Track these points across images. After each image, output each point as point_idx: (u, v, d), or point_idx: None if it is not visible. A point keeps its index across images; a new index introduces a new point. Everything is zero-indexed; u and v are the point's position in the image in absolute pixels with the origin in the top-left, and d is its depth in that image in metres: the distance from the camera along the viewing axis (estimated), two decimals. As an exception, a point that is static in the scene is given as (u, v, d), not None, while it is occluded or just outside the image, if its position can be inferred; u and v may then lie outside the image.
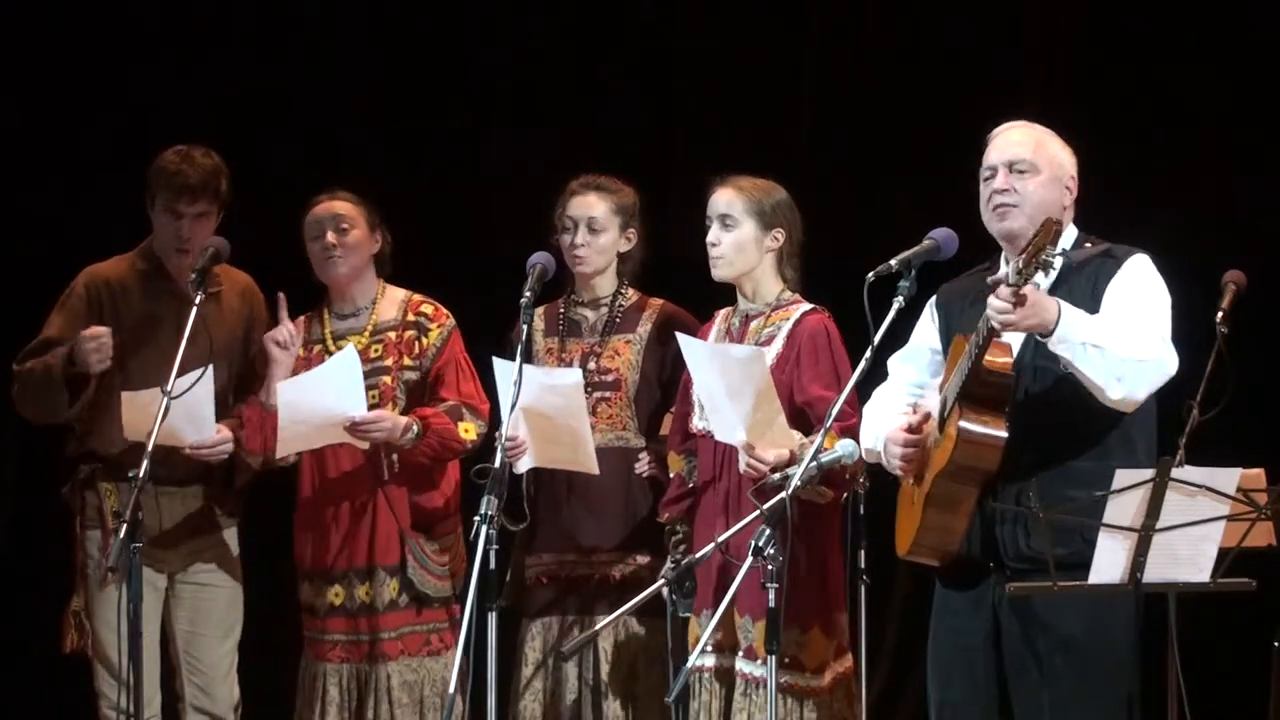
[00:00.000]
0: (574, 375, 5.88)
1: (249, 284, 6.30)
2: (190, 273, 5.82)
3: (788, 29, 7.71)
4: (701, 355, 5.63)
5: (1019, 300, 4.77)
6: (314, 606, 6.16)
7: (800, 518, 5.03)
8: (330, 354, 6.14)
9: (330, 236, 6.12)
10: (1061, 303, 4.87)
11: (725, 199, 5.74)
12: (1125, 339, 4.88)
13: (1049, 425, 4.99)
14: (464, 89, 7.77)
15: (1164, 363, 4.95)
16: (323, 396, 5.94)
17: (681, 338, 5.69)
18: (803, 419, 5.60)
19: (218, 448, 6.03)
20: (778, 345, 5.67)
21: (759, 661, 5.55)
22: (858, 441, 5.30)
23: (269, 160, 7.48)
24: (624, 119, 7.67)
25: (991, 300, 4.82)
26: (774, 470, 5.41)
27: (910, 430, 5.17)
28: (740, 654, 5.61)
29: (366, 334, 6.16)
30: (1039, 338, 4.88)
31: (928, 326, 5.37)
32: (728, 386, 5.51)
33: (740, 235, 5.71)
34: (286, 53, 7.81)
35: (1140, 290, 5.05)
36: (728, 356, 5.56)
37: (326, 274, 6.18)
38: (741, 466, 5.53)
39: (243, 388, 6.19)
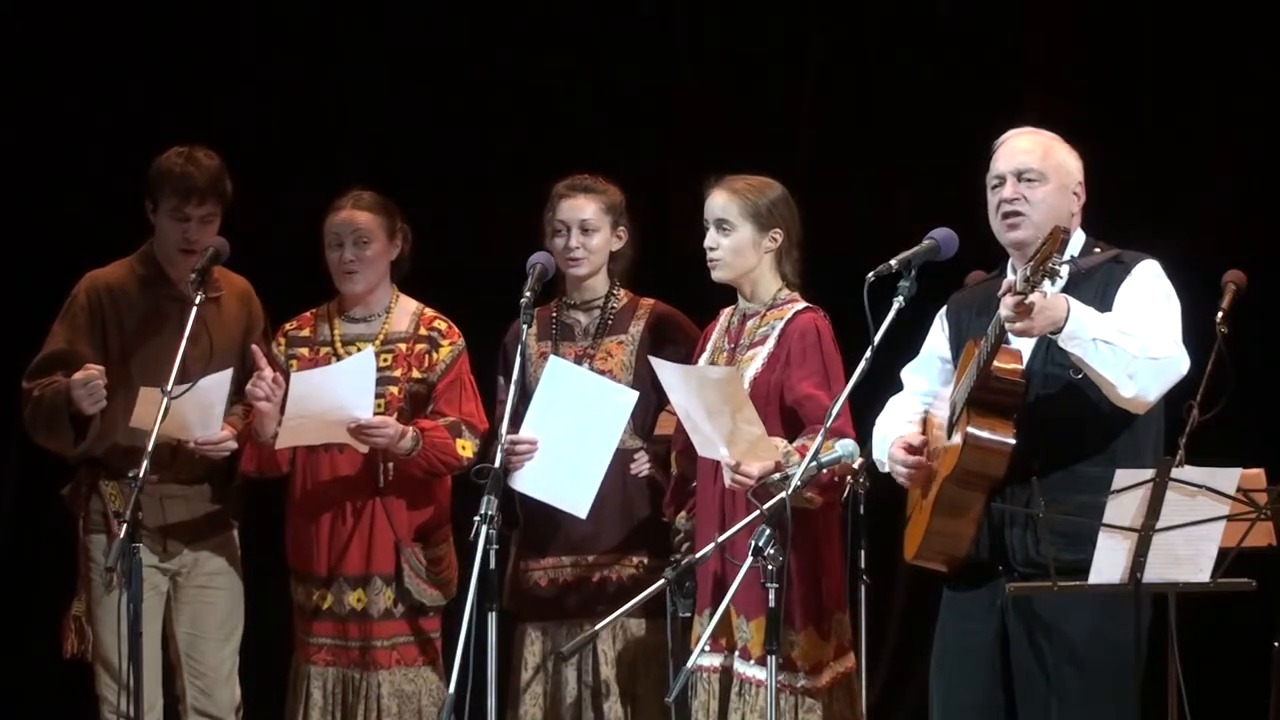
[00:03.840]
0: (627, 395, 5.86)
1: (246, 288, 6.29)
2: (191, 273, 5.82)
3: (788, 28, 7.71)
4: (676, 378, 5.61)
5: (1023, 311, 4.77)
6: (304, 608, 6.16)
7: (794, 520, 5.02)
8: (338, 358, 6.13)
9: (349, 252, 6.12)
10: (1071, 300, 4.87)
11: (720, 203, 5.72)
12: (1136, 337, 4.88)
13: (1058, 431, 4.99)
14: (463, 89, 7.77)
15: (1176, 361, 4.95)
16: (333, 393, 5.93)
17: (655, 361, 5.68)
18: (793, 418, 5.60)
19: (221, 444, 6.03)
20: (770, 344, 5.67)
21: (752, 661, 5.56)
22: (857, 440, 5.31)
23: (270, 161, 7.48)
24: (624, 119, 7.66)
25: (1001, 310, 4.83)
26: (760, 481, 5.41)
27: (910, 450, 5.19)
28: (736, 654, 5.61)
29: (378, 342, 6.14)
30: (1050, 335, 4.88)
31: (938, 336, 5.38)
32: (706, 407, 5.49)
33: (738, 239, 5.70)
34: (287, 53, 7.81)
35: (1150, 293, 5.05)
36: (704, 378, 5.55)
37: (342, 287, 6.18)
38: (727, 481, 5.52)
39: (241, 392, 6.19)
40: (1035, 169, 5.12)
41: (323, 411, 5.93)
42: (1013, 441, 4.95)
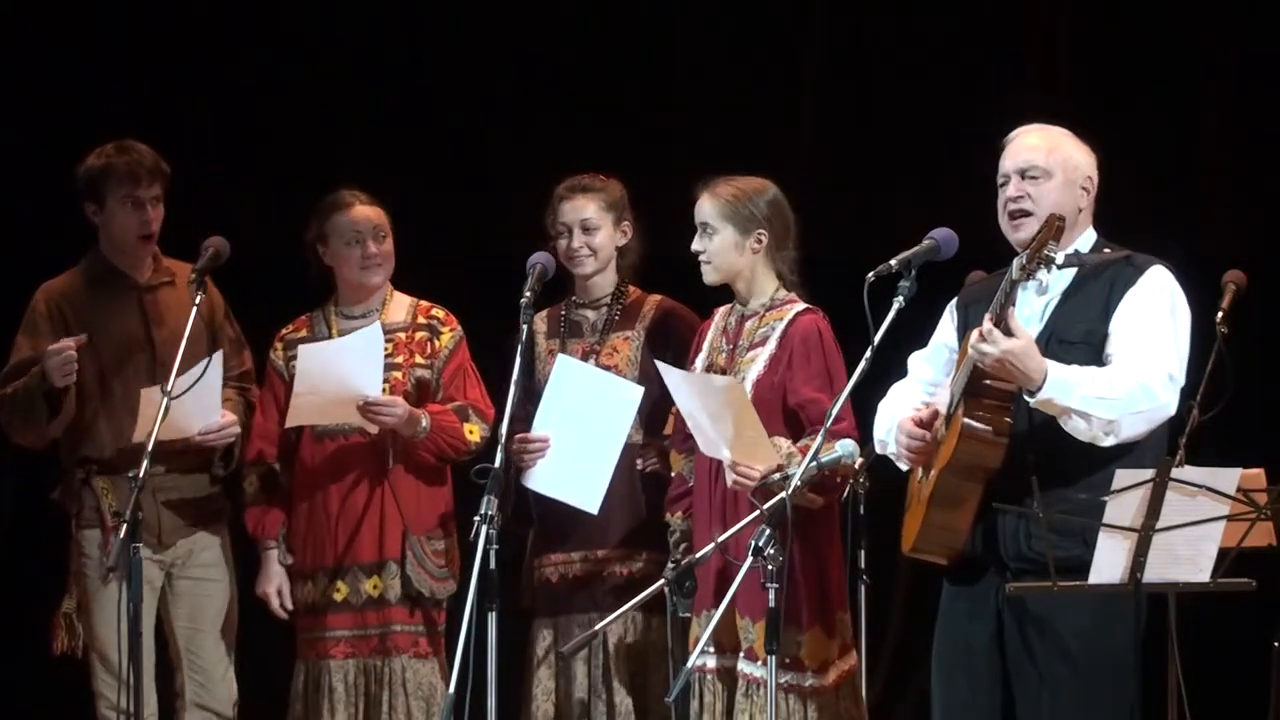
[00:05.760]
0: (634, 391, 5.89)
1: None
2: (148, 258, 5.99)
3: (789, 28, 7.71)
4: (680, 383, 5.65)
5: (996, 364, 4.80)
6: (314, 605, 6.15)
7: (796, 520, 5.02)
8: (336, 353, 6.16)
9: (372, 246, 6.15)
10: (1049, 367, 4.86)
11: (704, 207, 5.76)
12: (1119, 398, 4.86)
13: (1054, 423, 4.97)
14: (464, 89, 7.77)
15: (1161, 409, 4.93)
16: (340, 369, 5.94)
17: (660, 366, 5.71)
18: (795, 421, 5.60)
19: (224, 431, 6.05)
20: (771, 346, 5.68)
21: (759, 662, 5.55)
22: (858, 442, 5.31)
23: (268, 160, 7.48)
24: (624, 119, 7.66)
25: (976, 345, 4.83)
26: (764, 480, 5.42)
27: (919, 423, 5.17)
28: (741, 655, 5.61)
29: None
30: (1025, 397, 4.88)
31: (947, 326, 5.36)
32: (709, 411, 5.53)
33: (720, 241, 5.73)
34: (285, 52, 7.81)
35: (1153, 315, 5.00)
36: (707, 385, 5.59)
37: (364, 280, 6.19)
38: (729, 481, 5.53)
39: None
40: (1040, 166, 5.10)
41: (330, 387, 5.94)
42: (1008, 432, 4.94)
